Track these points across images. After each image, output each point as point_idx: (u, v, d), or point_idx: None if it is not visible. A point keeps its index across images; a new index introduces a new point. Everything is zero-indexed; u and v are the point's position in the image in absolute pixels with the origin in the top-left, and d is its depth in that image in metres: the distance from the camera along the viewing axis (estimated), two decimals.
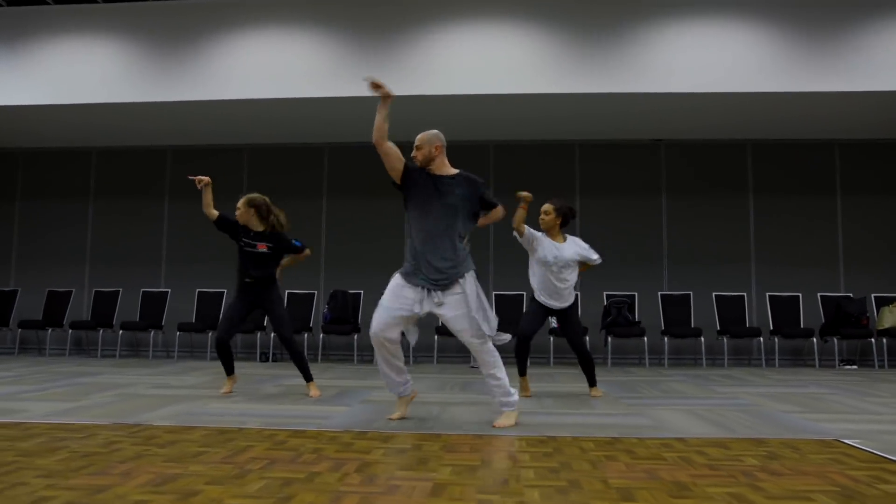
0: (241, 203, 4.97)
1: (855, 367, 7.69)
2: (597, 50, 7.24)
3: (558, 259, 4.87)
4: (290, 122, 8.33)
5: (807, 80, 7.13)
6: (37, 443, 2.94)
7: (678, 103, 7.53)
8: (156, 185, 9.37)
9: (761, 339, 7.91)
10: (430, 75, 7.32)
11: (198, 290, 8.70)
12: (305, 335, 8.32)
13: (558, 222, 4.98)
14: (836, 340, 7.88)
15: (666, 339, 7.98)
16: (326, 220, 9.14)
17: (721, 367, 7.88)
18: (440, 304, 3.47)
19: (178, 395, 4.73)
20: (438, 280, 3.47)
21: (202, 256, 8.89)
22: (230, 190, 9.15)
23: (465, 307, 3.45)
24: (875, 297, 8.17)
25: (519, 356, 4.99)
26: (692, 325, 8.11)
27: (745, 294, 8.37)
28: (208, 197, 5.01)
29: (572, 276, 4.96)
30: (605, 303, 8.23)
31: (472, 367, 7.68)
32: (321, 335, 8.27)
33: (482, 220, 3.88)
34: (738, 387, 5.68)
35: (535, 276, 4.96)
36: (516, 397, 3.61)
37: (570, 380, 6.14)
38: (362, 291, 8.54)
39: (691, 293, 8.32)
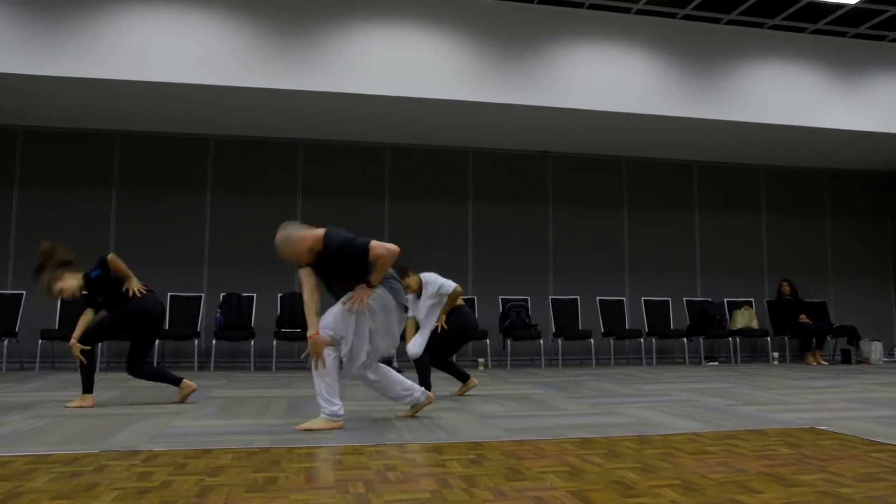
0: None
1: (716, 363, 8.70)
2: (508, 62, 7.48)
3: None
4: (175, 109, 7.59)
5: (682, 106, 7.94)
6: (49, 480, 2.42)
7: (572, 118, 8.01)
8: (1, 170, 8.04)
9: (642, 339, 8.65)
10: (340, 72, 7.07)
11: None
12: (196, 341, 7.62)
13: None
14: (701, 340, 8.84)
15: (560, 340, 8.43)
16: (211, 217, 8.43)
17: (608, 365, 8.49)
18: None
19: (118, 415, 4.11)
20: None
21: None
22: (98, 180, 8.15)
23: None
24: (728, 301, 9.31)
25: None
26: (580, 328, 8.66)
27: (623, 298, 9.11)
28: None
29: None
30: (502, 307, 8.50)
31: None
32: (213, 341, 7.62)
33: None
34: (653, 384, 6.17)
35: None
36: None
37: (488, 384, 6.27)
38: (255, 294, 8.03)
39: (578, 298, 8.88)
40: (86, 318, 4.45)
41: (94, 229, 8.04)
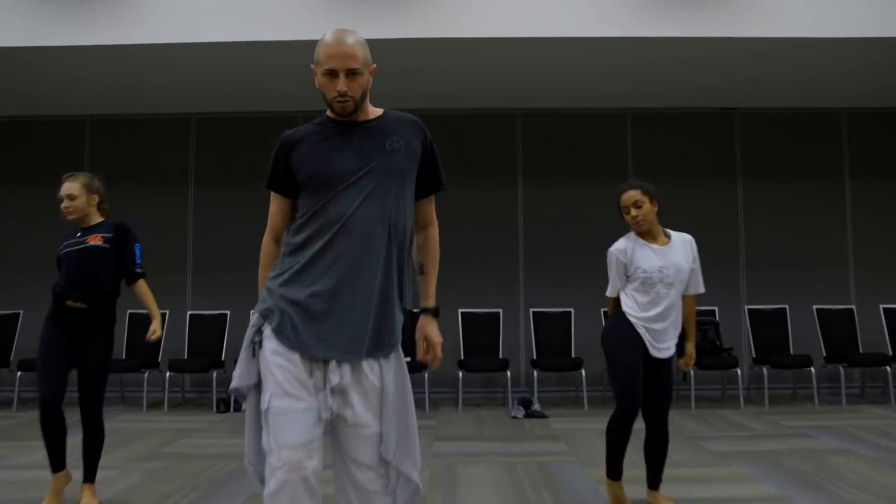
0: (76, 187, 3.11)
1: None
2: None
3: (665, 270, 2.94)
4: (250, 80, 6.09)
5: None
6: None
7: (771, 53, 5.59)
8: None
9: (888, 368, 6.03)
10: (445, 12, 5.21)
11: None
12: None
13: (657, 211, 3.06)
14: None
15: (764, 369, 6.03)
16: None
17: (837, 404, 5.96)
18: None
19: None
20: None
21: None
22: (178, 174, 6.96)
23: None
24: None
25: (621, 443, 2.97)
26: (791, 351, 6.21)
27: (851, 307, 6.50)
28: None
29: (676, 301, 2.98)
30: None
31: (514, 416, 5.62)
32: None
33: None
34: None
35: (629, 303, 2.98)
36: None
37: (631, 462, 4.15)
38: None
39: (787, 307, 6.40)
40: None
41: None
